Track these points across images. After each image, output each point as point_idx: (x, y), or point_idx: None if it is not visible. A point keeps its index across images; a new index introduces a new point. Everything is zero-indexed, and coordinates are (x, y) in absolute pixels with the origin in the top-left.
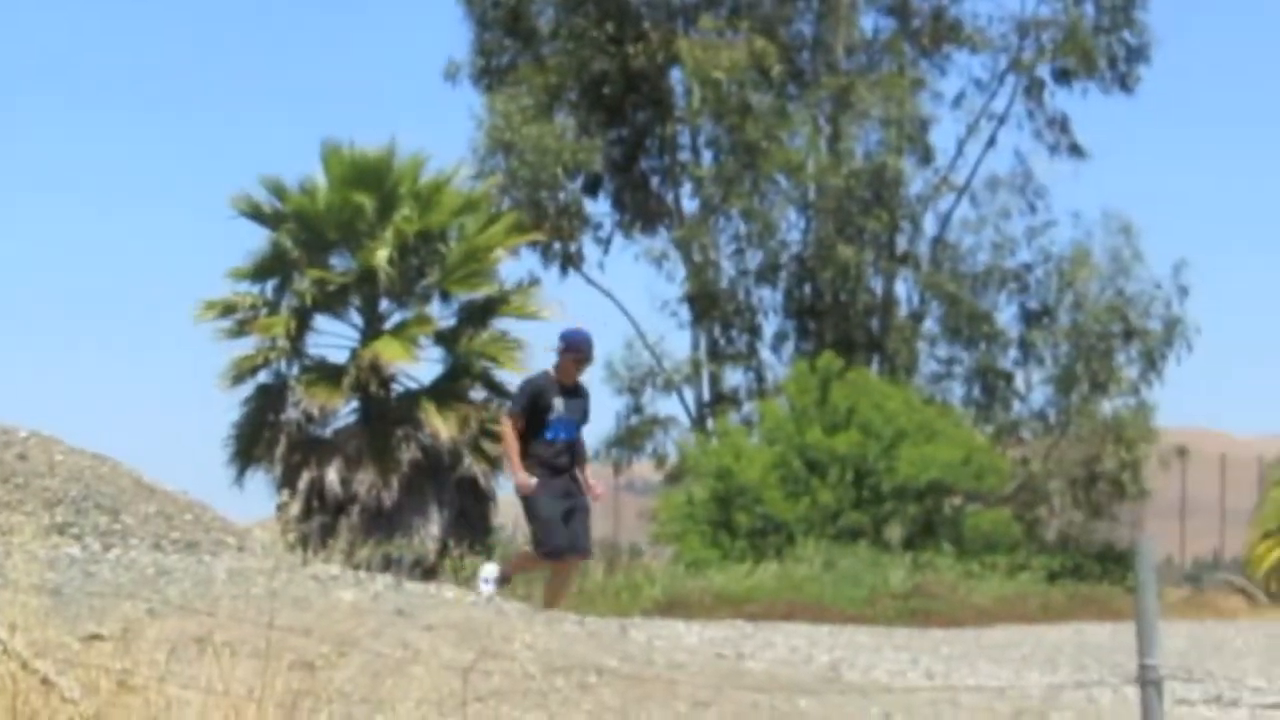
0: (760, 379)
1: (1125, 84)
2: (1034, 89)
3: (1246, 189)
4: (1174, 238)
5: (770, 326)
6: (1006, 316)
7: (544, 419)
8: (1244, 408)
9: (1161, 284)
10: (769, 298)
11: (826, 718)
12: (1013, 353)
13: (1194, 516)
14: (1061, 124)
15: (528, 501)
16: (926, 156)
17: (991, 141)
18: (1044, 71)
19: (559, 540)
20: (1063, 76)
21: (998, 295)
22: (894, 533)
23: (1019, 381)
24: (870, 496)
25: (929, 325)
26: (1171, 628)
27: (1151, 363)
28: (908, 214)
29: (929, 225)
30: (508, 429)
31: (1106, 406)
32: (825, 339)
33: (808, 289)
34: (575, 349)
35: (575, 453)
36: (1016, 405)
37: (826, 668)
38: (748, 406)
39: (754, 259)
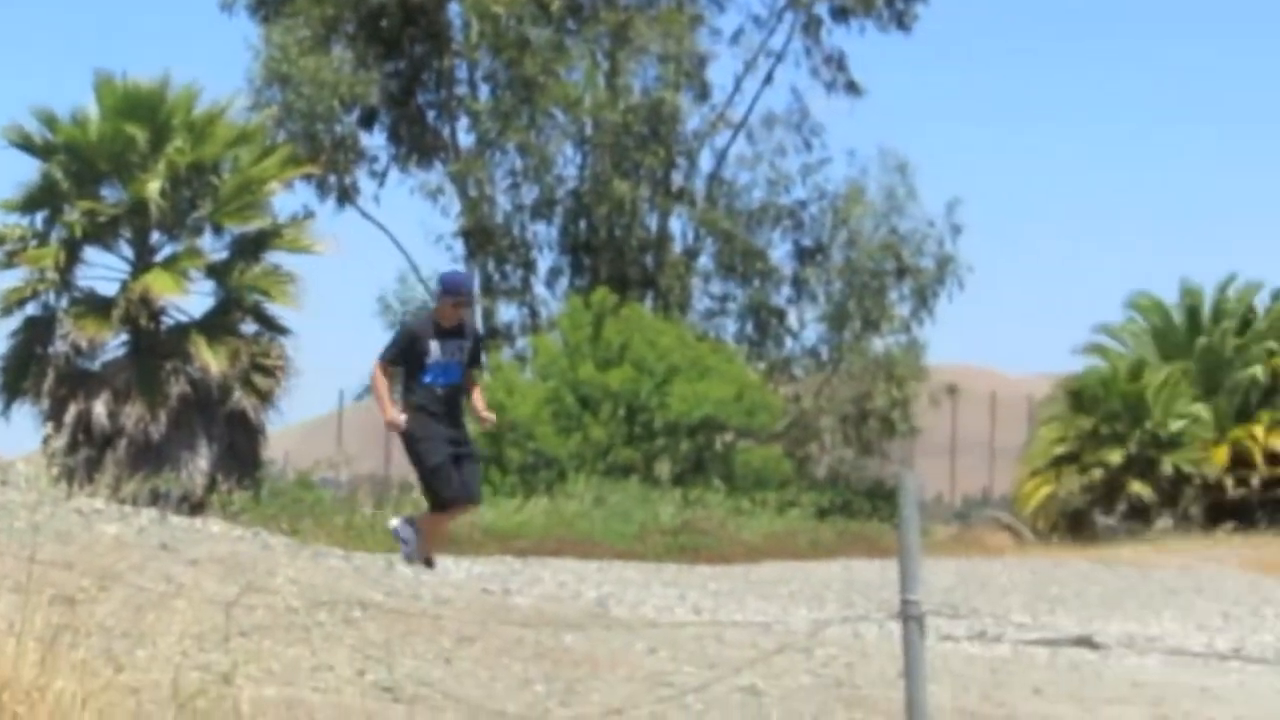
0: (534, 314)
1: (902, 22)
2: (811, 26)
3: (1019, 129)
4: (948, 177)
5: (545, 262)
6: (780, 253)
7: (421, 362)
8: (1014, 347)
9: (935, 222)
10: (544, 233)
11: (592, 653)
12: (786, 290)
13: (964, 454)
14: (838, 62)
15: (414, 450)
16: (703, 93)
17: (768, 78)
18: (822, 9)
19: (452, 489)
20: (840, 14)
21: (772, 232)
22: (665, 469)
23: (792, 318)
24: (642, 433)
25: (703, 262)
26: (939, 564)
27: (923, 300)
28: (684, 150)
29: (705, 162)
30: (376, 375)
31: (878, 344)
32: (600, 275)
33: (583, 225)
34: (453, 291)
35: (458, 398)
36: (789, 342)
37: (594, 603)
38: (521, 342)
39: (529, 194)
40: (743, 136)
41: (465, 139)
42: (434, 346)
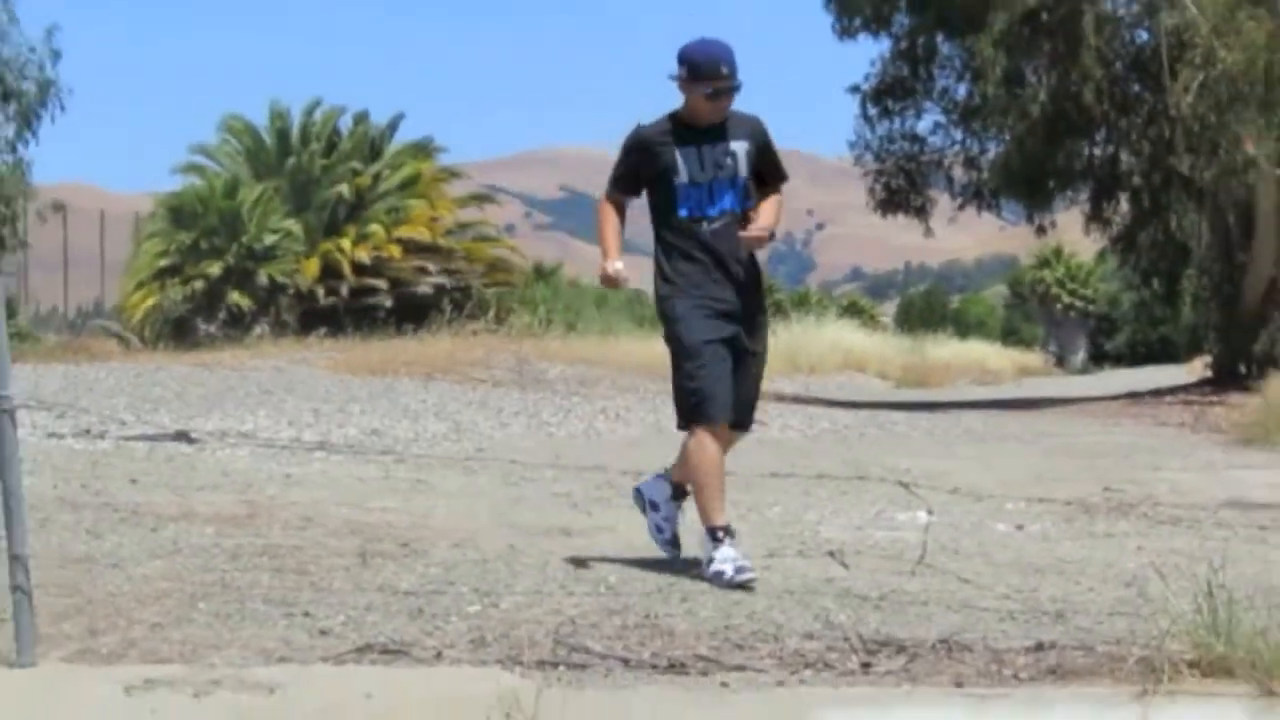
0: None
1: None
2: None
3: None
4: (47, 3)
5: None
6: None
7: (668, 187)
8: (120, 166)
9: (35, 47)
10: None
11: None
12: None
13: (76, 269)
14: None
15: (667, 327)
16: None
17: None
18: None
19: (709, 395)
20: None
21: None
22: None
23: None
24: None
25: None
26: (49, 370)
27: (27, 122)
28: None
29: None
30: (601, 212)
31: None
32: None
33: None
34: (708, 72)
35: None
36: None
37: None
38: None
39: None
40: None
41: None
42: (681, 160)
